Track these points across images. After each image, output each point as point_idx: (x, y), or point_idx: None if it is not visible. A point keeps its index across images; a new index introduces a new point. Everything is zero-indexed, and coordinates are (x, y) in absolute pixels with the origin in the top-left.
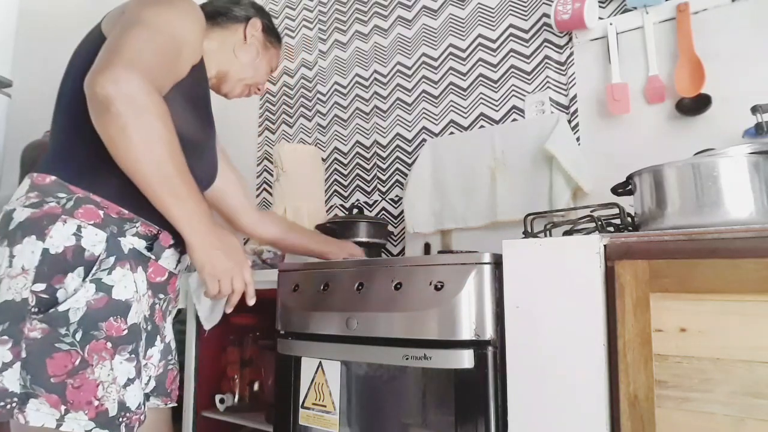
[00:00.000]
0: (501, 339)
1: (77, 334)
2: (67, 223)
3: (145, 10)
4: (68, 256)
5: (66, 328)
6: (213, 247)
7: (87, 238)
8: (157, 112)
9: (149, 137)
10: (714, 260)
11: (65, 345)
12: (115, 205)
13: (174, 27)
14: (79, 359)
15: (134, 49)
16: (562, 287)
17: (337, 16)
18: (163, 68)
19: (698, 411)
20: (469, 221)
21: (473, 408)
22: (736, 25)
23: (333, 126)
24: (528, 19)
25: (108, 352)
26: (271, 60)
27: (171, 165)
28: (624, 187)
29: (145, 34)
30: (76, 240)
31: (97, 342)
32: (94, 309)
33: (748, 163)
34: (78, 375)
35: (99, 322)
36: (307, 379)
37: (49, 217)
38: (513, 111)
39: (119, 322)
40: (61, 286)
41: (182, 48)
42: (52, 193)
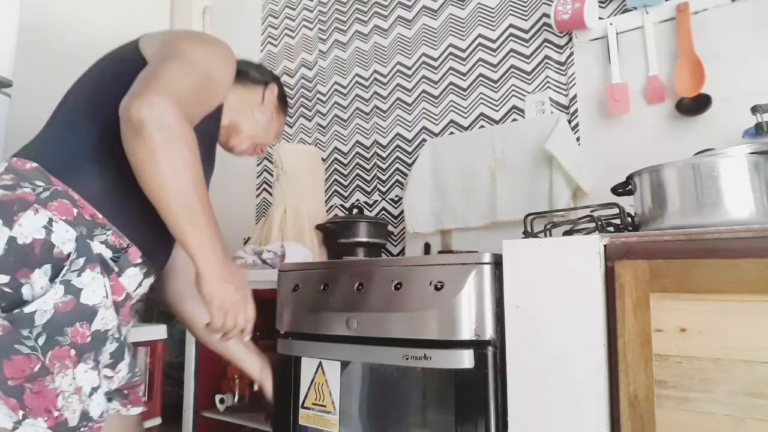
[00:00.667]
0: (501, 339)
1: (40, 338)
2: (38, 213)
3: (187, 45)
4: (36, 250)
5: (29, 330)
6: (225, 280)
7: (57, 233)
8: (187, 140)
9: (176, 164)
10: (714, 260)
11: (26, 348)
12: (91, 206)
13: (211, 66)
14: (39, 365)
15: (172, 80)
16: (562, 287)
17: (337, 16)
18: (196, 101)
19: (698, 411)
20: (469, 221)
21: (473, 408)
22: (736, 25)
23: (333, 126)
24: (528, 19)
25: (71, 360)
26: (279, 125)
27: (194, 193)
28: (624, 187)
29: (184, 67)
30: (46, 234)
31: (60, 348)
32: (61, 312)
33: (748, 163)
34: (37, 381)
35: (65, 327)
36: (307, 379)
37: (20, 202)
38: (513, 111)
39: (84, 328)
40: (27, 281)
41: (216, 87)
42: (30, 179)
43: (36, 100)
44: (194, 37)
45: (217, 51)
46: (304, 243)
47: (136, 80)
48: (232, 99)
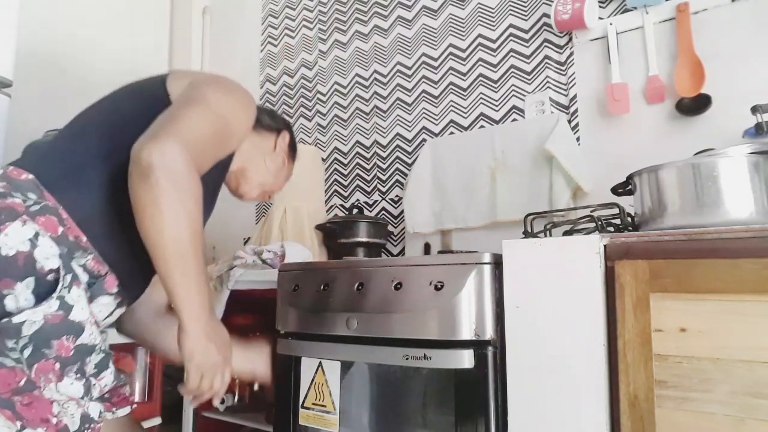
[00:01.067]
0: (501, 339)
1: (26, 350)
2: (26, 225)
3: (211, 91)
4: (20, 262)
5: (15, 341)
6: (208, 339)
7: (41, 248)
8: (193, 191)
9: (178, 213)
10: (714, 260)
11: (10, 361)
12: (77, 227)
13: (230, 114)
14: (25, 379)
15: (190, 126)
16: (562, 287)
17: (337, 16)
18: (210, 150)
19: (698, 411)
20: (469, 221)
21: (473, 408)
22: (736, 25)
23: (333, 126)
24: (528, 19)
25: (55, 374)
26: (289, 172)
27: (190, 245)
28: (624, 187)
29: (205, 115)
30: (31, 247)
31: (46, 361)
32: (50, 324)
33: (748, 163)
34: (25, 394)
35: (52, 340)
36: (307, 379)
37: (8, 212)
38: (513, 111)
39: (70, 341)
40: (11, 292)
41: (232, 137)
42: (22, 189)
43: (36, 100)
44: (219, 83)
45: (239, 99)
46: (304, 243)
47: (155, 122)
48: (245, 145)
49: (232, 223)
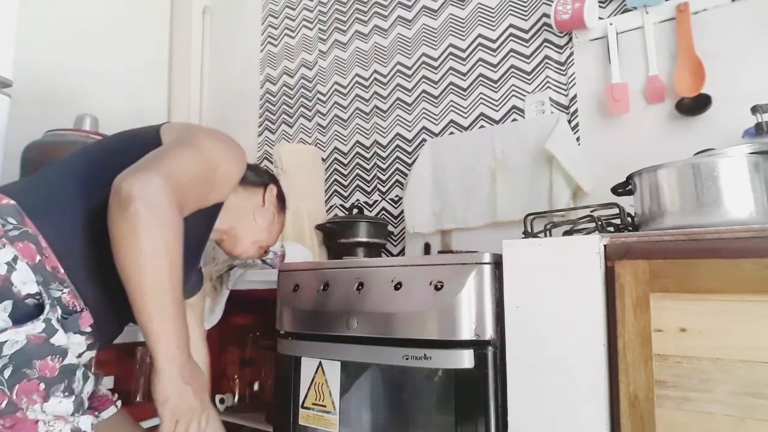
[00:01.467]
0: (501, 339)
1: (6, 370)
2: (5, 248)
3: (205, 137)
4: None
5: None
6: (184, 381)
7: (19, 273)
8: (173, 225)
9: (157, 246)
10: (714, 260)
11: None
12: (55, 258)
13: (221, 161)
14: (6, 401)
15: (176, 166)
16: (562, 287)
17: (337, 16)
18: (194, 190)
19: (698, 411)
20: (469, 221)
21: (473, 408)
22: (736, 25)
23: (333, 126)
24: (528, 19)
25: (39, 395)
26: (281, 225)
27: (168, 279)
28: (624, 187)
29: (193, 156)
30: (8, 271)
31: (28, 382)
32: (33, 344)
33: (748, 163)
34: (8, 417)
35: (34, 360)
36: (307, 379)
37: None
38: (513, 111)
39: (55, 361)
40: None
41: (220, 184)
42: (3, 214)
43: (36, 100)
44: (213, 133)
45: (232, 149)
46: (304, 243)
47: (143, 158)
48: (234, 200)
49: None
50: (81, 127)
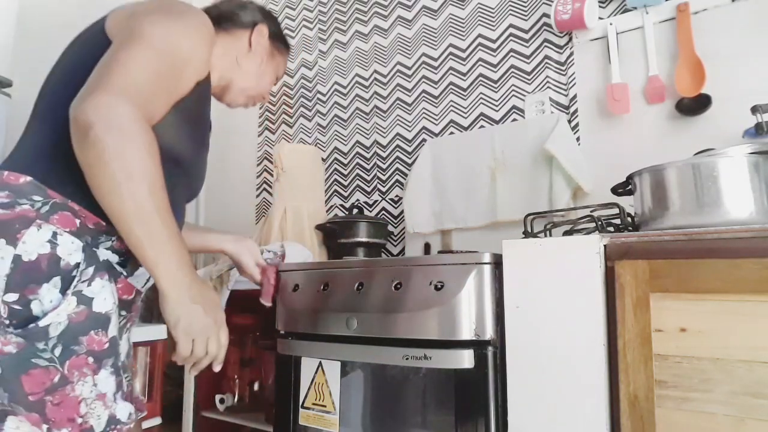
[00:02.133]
0: (501, 339)
1: (56, 349)
2: (42, 228)
3: (150, 24)
4: (42, 265)
5: (45, 342)
6: (192, 301)
7: (63, 246)
8: (142, 141)
9: (129, 168)
10: (714, 260)
11: (43, 361)
12: (93, 215)
13: (179, 45)
14: (59, 376)
15: (128, 74)
16: (562, 287)
17: (337, 16)
18: (159, 93)
19: (698, 411)
20: (469, 221)
21: (473, 408)
22: (736, 25)
23: (333, 126)
24: (528, 19)
25: (90, 368)
26: (277, 68)
27: (151, 202)
28: (624, 187)
29: (144, 55)
30: (51, 248)
31: (77, 357)
32: (75, 323)
33: (748, 163)
34: (57, 392)
35: (80, 336)
36: (307, 379)
37: (22, 220)
38: (513, 111)
39: (100, 335)
40: (36, 297)
41: (185, 67)
42: (27, 194)
43: None
44: (159, 11)
45: (188, 21)
46: (304, 243)
47: (91, 75)
48: (217, 52)
49: (232, 223)
50: None
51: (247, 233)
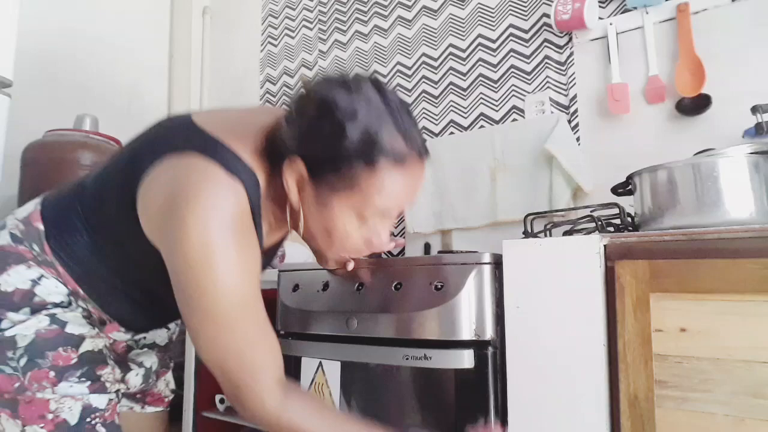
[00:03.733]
0: (501, 339)
1: (22, 359)
2: (31, 269)
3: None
4: (15, 298)
5: (12, 351)
6: None
7: (44, 287)
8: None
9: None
10: (714, 260)
11: (9, 369)
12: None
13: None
14: (18, 384)
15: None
16: (562, 287)
17: (337, 16)
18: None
19: (698, 411)
20: (469, 221)
21: (473, 408)
22: (736, 25)
23: None
24: (528, 19)
25: (50, 381)
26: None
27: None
28: (624, 187)
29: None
30: (32, 286)
31: (39, 370)
32: (42, 338)
33: (748, 163)
34: (25, 394)
35: (46, 351)
36: (307, 379)
37: (17, 256)
38: (513, 111)
39: (69, 352)
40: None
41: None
42: (31, 239)
43: (36, 100)
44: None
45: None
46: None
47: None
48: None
49: None
50: (81, 127)
51: None
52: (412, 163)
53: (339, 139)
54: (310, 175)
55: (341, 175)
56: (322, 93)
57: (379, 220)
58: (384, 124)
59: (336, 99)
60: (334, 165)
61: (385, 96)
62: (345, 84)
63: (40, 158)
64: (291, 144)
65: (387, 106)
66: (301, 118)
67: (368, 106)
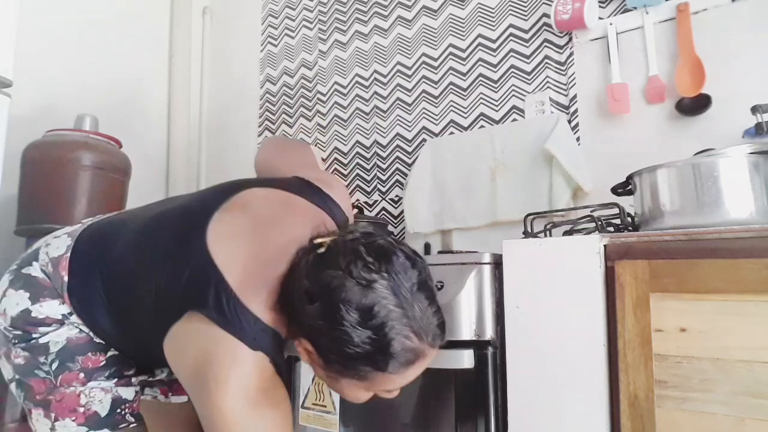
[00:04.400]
0: (501, 339)
1: (54, 363)
2: (64, 304)
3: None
4: (46, 321)
5: (45, 357)
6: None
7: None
8: None
9: None
10: (714, 260)
11: (42, 373)
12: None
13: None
14: (52, 386)
15: None
16: (562, 287)
17: (337, 16)
18: None
19: (698, 411)
20: (469, 221)
21: (473, 408)
22: (736, 25)
23: (333, 126)
24: (528, 19)
25: (79, 381)
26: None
27: None
28: (624, 187)
29: None
30: (63, 318)
31: (70, 373)
32: (73, 344)
33: (748, 163)
34: (56, 392)
35: (76, 356)
36: (307, 379)
37: (51, 291)
38: (513, 111)
39: (98, 355)
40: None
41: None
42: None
43: (36, 100)
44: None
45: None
46: None
47: None
48: None
49: None
50: (81, 127)
51: None
52: (424, 354)
53: (346, 345)
54: (320, 355)
55: (349, 370)
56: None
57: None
58: (395, 327)
59: (345, 300)
60: (342, 364)
61: (399, 286)
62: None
63: (40, 158)
64: (298, 329)
65: (402, 300)
66: (311, 306)
67: (379, 307)
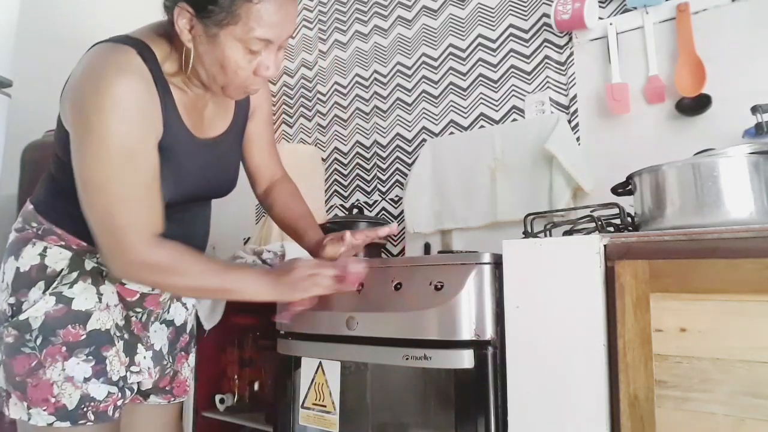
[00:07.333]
0: (501, 339)
1: (38, 339)
2: (36, 245)
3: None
4: (32, 274)
5: (30, 333)
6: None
7: (51, 257)
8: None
9: (180, 287)
10: (714, 260)
11: (28, 349)
12: (74, 238)
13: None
14: (36, 361)
15: (118, 222)
16: (562, 287)
17: (337, 16)
18: (150, 198)
19: (698, 411)
20: (469, 221)
21: (473, 408)
22: (736, 25)
23: (333, 126)
24: (528, 19)
25: (62, 355)
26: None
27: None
28: (624, 187)
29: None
30: (41, 259)
31: (53, 347)
32: (52, 318)
33: (748, 163)
34: (34, 375)
35: (56, 329)
36: (307, 379)
37: (24, 240)
38: (513, 111)
39: (77, 328)
40: (26, 299)
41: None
42: (29, 221)
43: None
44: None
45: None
46: None
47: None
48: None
49: (231, 223)
50: None
51: (247, 233)
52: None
53: None
54: (197, 13)
55: (222, 8)
56: None
57: (265, 52)
58: None
59: None
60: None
61: None
62: None
63: (40, 158)
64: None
65: None
66: None
67: None
